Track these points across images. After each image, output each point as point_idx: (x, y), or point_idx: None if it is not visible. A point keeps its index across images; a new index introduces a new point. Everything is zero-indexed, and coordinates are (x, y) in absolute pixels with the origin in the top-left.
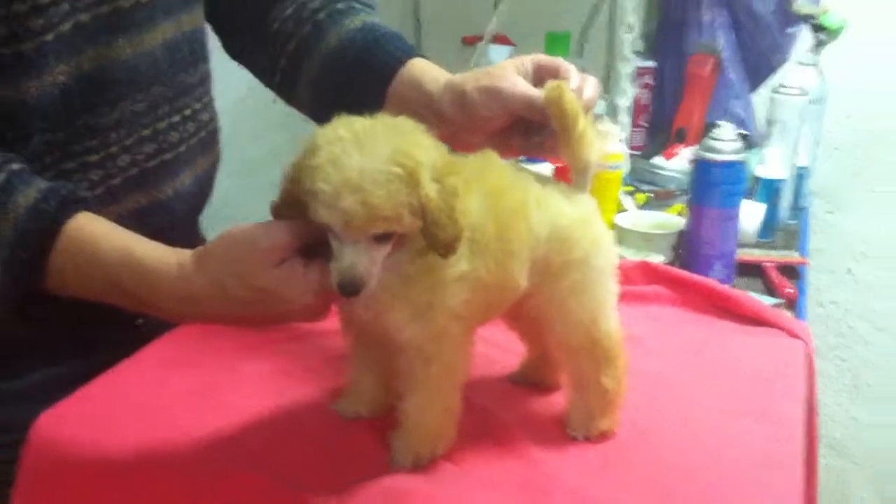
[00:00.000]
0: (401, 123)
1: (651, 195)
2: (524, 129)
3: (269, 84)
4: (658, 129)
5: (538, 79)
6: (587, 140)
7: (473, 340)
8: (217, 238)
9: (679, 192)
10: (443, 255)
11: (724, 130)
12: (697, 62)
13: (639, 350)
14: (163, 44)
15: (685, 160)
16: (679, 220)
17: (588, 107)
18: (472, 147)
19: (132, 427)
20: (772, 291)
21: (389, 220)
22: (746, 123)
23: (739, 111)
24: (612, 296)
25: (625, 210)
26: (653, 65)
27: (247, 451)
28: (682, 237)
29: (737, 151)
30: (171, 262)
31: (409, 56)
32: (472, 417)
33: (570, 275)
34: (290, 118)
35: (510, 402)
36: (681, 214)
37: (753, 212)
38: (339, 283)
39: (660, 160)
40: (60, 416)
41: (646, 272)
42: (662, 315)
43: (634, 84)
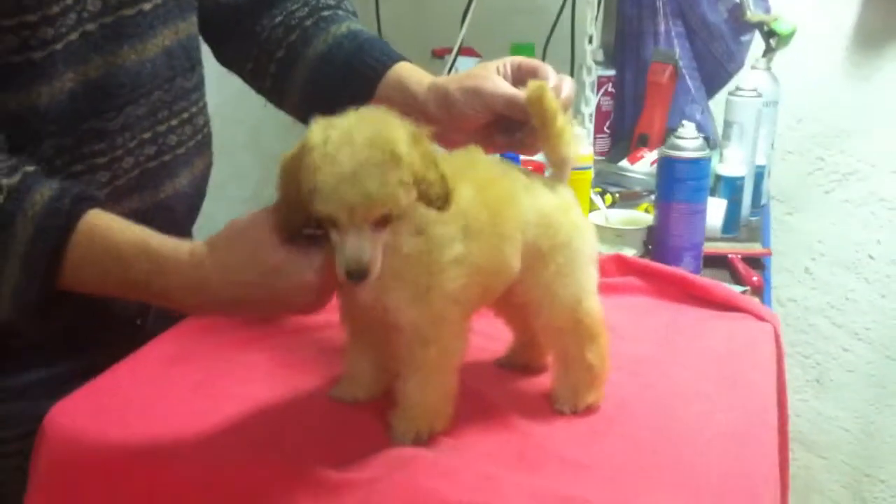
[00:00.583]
0: (371, 113)
1: (617, 196)
2: (505, 127)
3: (260, 89)
4: (621, 135)
5: (518, 79)
6: (566, 136)
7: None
8: (224, 227)
9: (645, 193)
10: (440, 209)
11: (687, 130)
12: (656, 70)
13: (616, 336)
14: (163, 51)
15: (649, 163)
16: (648, 217)
17: (566, 105)
18: (456, 144)
19: (140, 417)
20: (738, 280)
21: (387, 202)
22: (705, 127)
23: (698, 116)
24: (593, 277)
25: (597, 208)
26: (613, 74)
27: (252, 436)
28: (652, 232)
29: (699, 149)
30: (184, 250)
31: (395, 60)
32: (466, 399)
33: (556, 258)
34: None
35: (501, 384)
36: (648, 213)
37: (717, 208)
38: (347, 271)
39: (625, 164)
40: (71, 408)
41: (620, 264)
42: (637, 304)
43: (597, 92)
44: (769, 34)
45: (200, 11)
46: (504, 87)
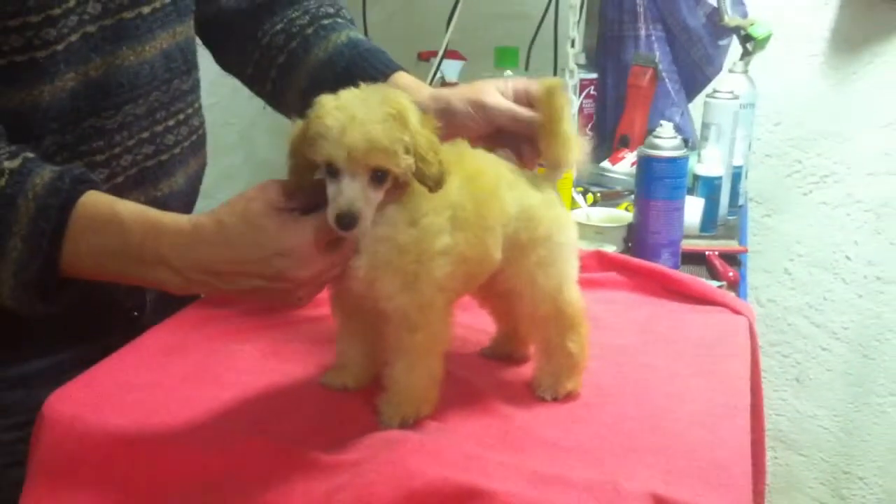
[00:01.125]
0: (386, 87)
1: (599, 196)
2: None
3: (259, 92)
4: (603, 136)
5: (516, 101)
6: (570, 140)
7: (453, 313)
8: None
9: (625, 192)
10: (432, 190)
11: (665, 130)
12: (637, 73)
13: (596, 328)
14: (160, 53)
15: (629, 164)
16: (628, 215)
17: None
18: None
19: (136, 404)
20: (715, 276)
21: (387, 154)
22: (685, 129)
23: (677, 118)
24: (574, 269)
25: (579, 207)
26: (595, 77)
27: (246, 420)
28: (632, 230)
29: (677, 148)
30: (183, 218)
31: (393, 70)
32: (452, 385)
33: (537, 250)
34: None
35: (485, 372)
36: (628, 211)
37: (695, 206)
38: (337, 215)
39: (606, 164)
40: (69, 396)
41: (600, 260)
42: (617, 298)
43: (579, 95)
44: (746, 38)
45: (201, 15)
46: (507, 102)
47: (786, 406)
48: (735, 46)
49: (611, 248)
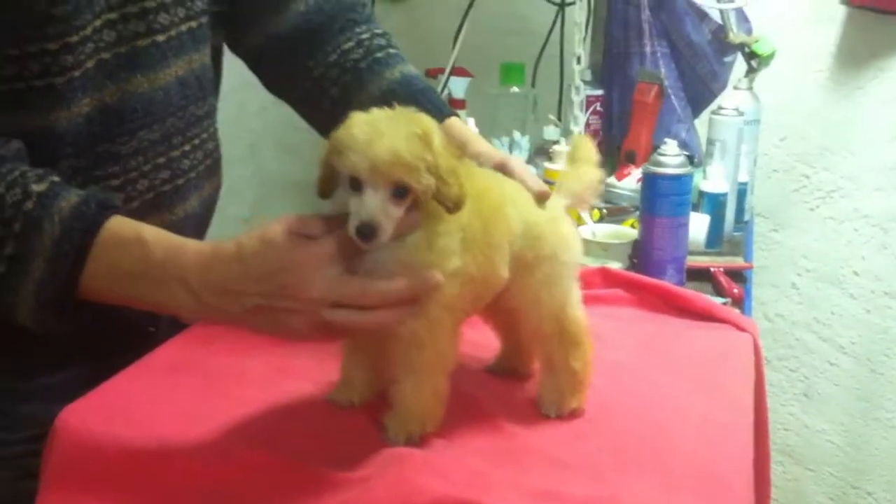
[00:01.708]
0: (417, 112)
1: (605, 211)
2: None
3: (310, 120)
4: (609, 152)
5: None
6: (595, 183)
7: (461, 332)
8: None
9: (631, 209)
10: (451, 211)
11: (670, 147)
12: (642, 90)
13: (600, 344)
14: (175, 80)
15: (635, 180)
16: (633, 231)
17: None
18: None
19: (147, 418)
20: (720, 292)
21: (409, 169)
22: (690, 146)
23: (683, 134)
24: (578, 287)
25: (584, 223)
26: (601, 93)
27: (254, 435)
28: (637, 246)
29: (682, 165)
30: (206, 242)
31: (445, 115)
32: (457, 402)
33: (542, 268)
34: None
35: (490, 389)
36: (633, 227)
37: (700, 223)
38: (358, 226)
39: (612, 180)
40: (82, 410)
41: (605, 277)
42: (621, 314)
43: (585, 111)
44: (751, 55)
45: (249, 42)
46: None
47: (793, 421)
48: (740, 63)
49: (616, 265)
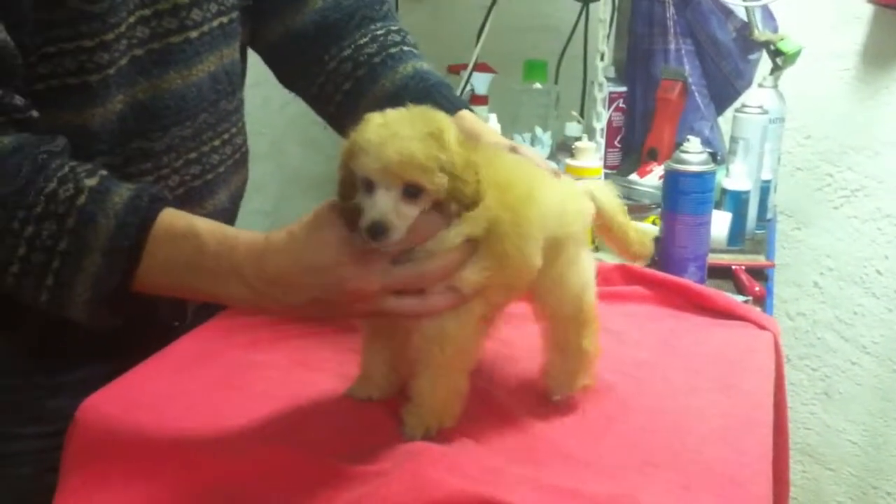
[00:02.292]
0: (432, 110)
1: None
2: None
3: (322, 113)
4: (631, 149)
5: None
6: (630, 233)
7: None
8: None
9: (653, 206)
10: (467, 209)
11: (693, 145)
12: (666, 87)
13: (619, 341)
14: (208, 75)
15: (657, 177)
16: (654, 228)
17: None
18: None
19: (166, 410)
20: (741, 291)
21: (421, 170)
22: (713, 143)
23: (706, 132)
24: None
25: None
26: (624, 90)
27: (272, 428)
28: (658, 243)
29: (704, 163)
30: (257, 233)
31: (458, 108)
32: (474, 396)
33: (568, 248)
34: None
35: (507, 385)
36: (655, 224)
37: (722, 220)
38: (367, 225)
39: (634, 177)
40: (102, 401)
41: (625, 274)
42: (640, 311)
43: (608, 108)
44: (776, 53)
45: (267, 36)
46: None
47: (814, 420)
48: (765, 61)
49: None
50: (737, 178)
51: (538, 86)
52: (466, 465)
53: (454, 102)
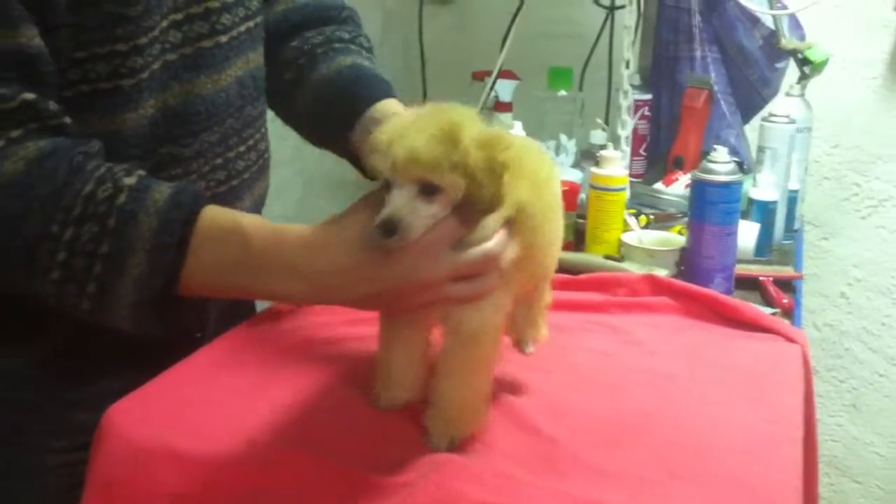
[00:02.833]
0: (457, 106)
1: (652, 218)
2: None
3: (272, 106)
4: (656, 158)
5: None
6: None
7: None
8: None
9: (679, 215)
10: (483, 213)
11: (720, 154)
12: (692, 95)
13: (644, 351)
14: (235, 80)
15: (683, 186)
16: (681, 238)
17: None
18: None
19: (190, 419)
20: (769, 302)
21: (428, 168)
22: (739, 152)
23: (732, 140)
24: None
25: (630, 229)
26: (650, 98)
27: (294, 437)
28: (684, 253)
29: (732, 173)
30: (303, 226)
31: (385, 97)
32: (496, 406)
33: (554, 221)
34: None
35: (528, 394)
36: (681, 234)
37: (749, 231)
38: (379, 223)
39: (659, 186)
40: (127, 409)
41: (651, 284)
42: (666, 322)
43: (633, 116)
44: (803, 62)
45: None
46: None
47: (841, 432)
48: (792, 69)
49: (662, 272)
50: (764, 188)
51: (563, 93)
52: (488, 477)
53: (385, 91)
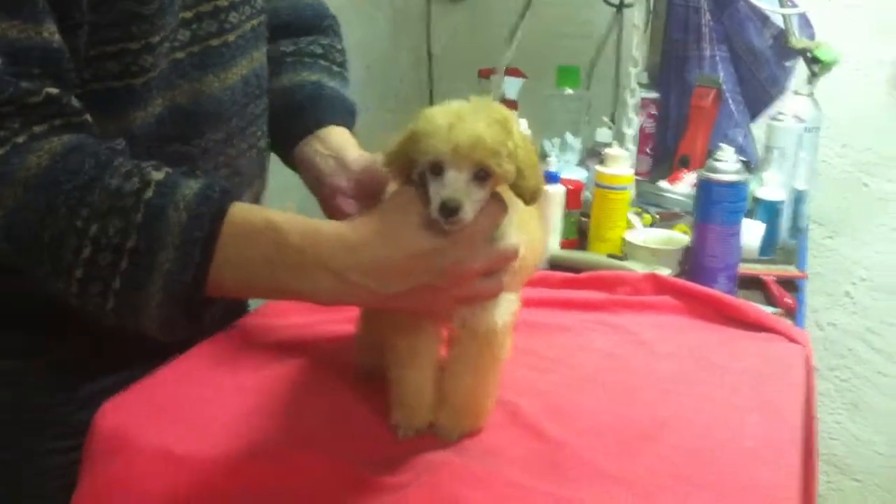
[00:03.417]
0: (494, 102)
1: (657, 216)
2: None
3: None
4: (662, 156)
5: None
6: None
7: None
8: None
9: (683, 214)
10: (527, 203)
11: (726, 153)
12: (700, 94)
13: (649, 352)
14: (241, 79)
15: (689, 184)
16: (684, 237)
17: None
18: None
19: (186, 416)
20: (772, 302)
21: (492, 153)
22: (747, 151)
23: (740, 139)
24: None
25: (634, 228)
26: (657, 96)
27: (290, 434)
28: (688, 253)
29: (737, 172)
30: (339, 223)
31: (337, 121)
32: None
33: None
34: None
35: (532, 394)
36: (685, 233)
37: (754, 230)
38: (441, 203)
39: (664, 184)
40: (120, 406)
41: (654, 283)
42: (670, 322)
43: (640, 114)
44: (812, 60)
45: None
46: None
47: (841, 430)
48: (801, 68)
49: (666, 271)
50: (770, 188)
51: (570, 91)
52: (489, 480)
53: (331, 115)
